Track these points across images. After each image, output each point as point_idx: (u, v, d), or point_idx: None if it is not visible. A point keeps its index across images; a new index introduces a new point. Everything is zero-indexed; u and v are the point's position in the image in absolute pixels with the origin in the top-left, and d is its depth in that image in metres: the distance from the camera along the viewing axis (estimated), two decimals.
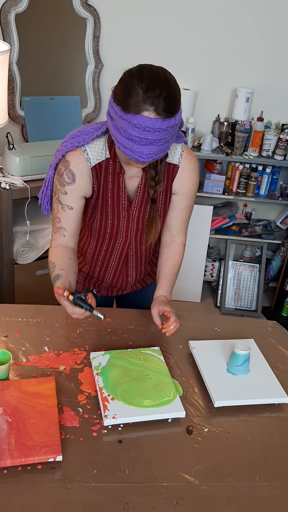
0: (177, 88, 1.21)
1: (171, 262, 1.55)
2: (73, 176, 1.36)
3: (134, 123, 1.15)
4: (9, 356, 1.30)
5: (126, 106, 1.16)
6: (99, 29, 2.78)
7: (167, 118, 1.16)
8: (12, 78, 2.60)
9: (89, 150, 1.36)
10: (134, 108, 1.14)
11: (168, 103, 1.15)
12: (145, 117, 1.14)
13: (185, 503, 1.05)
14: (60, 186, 1.38)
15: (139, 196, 1.43)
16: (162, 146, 1.20)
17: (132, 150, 1.20)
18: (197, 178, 1.48)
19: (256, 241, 3.32)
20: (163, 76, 1.18)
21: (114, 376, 1.32)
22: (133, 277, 1.64)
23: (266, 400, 1.33)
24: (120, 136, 1.20)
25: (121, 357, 1.39)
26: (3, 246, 2.44)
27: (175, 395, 1.28)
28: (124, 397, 1.26)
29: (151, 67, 1.20)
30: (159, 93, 1.14)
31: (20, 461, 1.06)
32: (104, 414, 1.20)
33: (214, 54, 2.96)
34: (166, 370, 1.37)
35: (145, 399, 1.25)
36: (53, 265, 1.39)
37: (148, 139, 1.17)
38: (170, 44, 2.91)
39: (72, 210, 1.40)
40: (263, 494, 1.10)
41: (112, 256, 1.56)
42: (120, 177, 1.39)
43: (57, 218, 1.42)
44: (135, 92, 1.14)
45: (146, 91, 1.14)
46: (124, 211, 1.44)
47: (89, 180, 1.38)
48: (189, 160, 1.44)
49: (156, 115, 1.15)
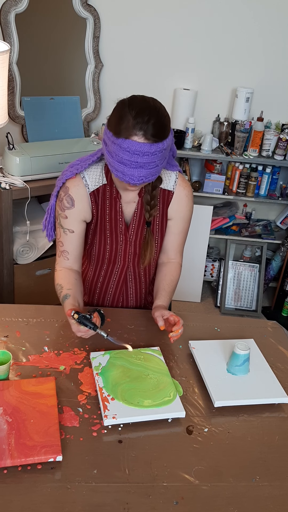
0: (166, 115, 1.29)
1: (169, 278, 1.58)
2: (72, 201, 1.44)
3: (124, 147, 1.24)
4: (9, 356, 1.30)
5: (117, 131, 1.25)
6: (99, 29, 2.78)
7: (155, 143, 1.24)
8: (12, 78, 2.60)
9: (87, 177, 1.44)
10: (125, 133, 1.24)
11: (156, 128, 1.24)
12: (134, 141, 1.23)
13: (185, 503, 1.05)
14: (61, 211, 1.46)
15: (136, 220, 1.50)
16: (152, 169, 1.28)
17: (123, 173, 1.28)
18: (191, 204, 1.55)
19: (256, 241, 3.32)
20: (153, 104, 1.28)
21: (114, 376, 1.32)
22: (133, 298, 1.67)
23: (266, 400, 1.33)
24: (112, 160, 1.28)
25: (121, 357, 1.39)
26: (3, 246, 2.44)
27: (175, 395, 1.28)
28: (124, 397, 1.26)
29: (143, 97, 1.29)
30: (148, 119, 1.23)
31: (20, 461, 1.06)
32: (104, 414, 1.20)
33: (214, 54, 2.96)
34: (166, 370, 1.37)
35: (145, 399, 1.25)
36: (60, 286, 1.47)
37: (137, 162, 1.25)
38: (170, 44, 2.91)
39: (73, 234, 1.48)
40: (263, 494, 1.10)
41: (110, 281, 1.61)
42: (117, 201, 1.47)
43: (60, 242, 1.50)
44: (126, 118, 1.23)
45: (136, 117, 1.23)
46: (122, 235, 1.51)
47: (88, 204, 1.46)
48: (183, 187, 1.52)
49: (145, 139, 1.23)
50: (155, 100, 1.30)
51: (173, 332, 1.39)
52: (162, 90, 2.99)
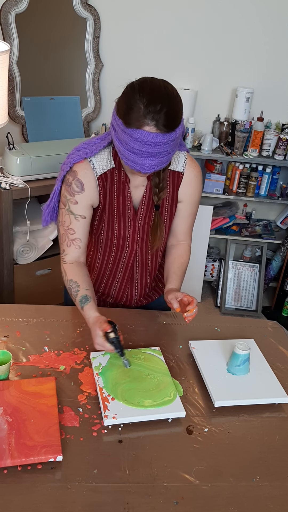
0: (178, 101, 1.23)
1: (179, 261, 1.55)
2: (82, 185, 1.39)
3: (136, 137, 1.19)
4: (9, 356, 1.30)
5: (127, 120, 1.19)
6: (99, 29, 2.78)
7: (167, 133, 1.19)
8: (12, 78, 2.60)
9: (94, 161, 1.39)
10: (135, 123, 1.18)
11: (168, 118, 1.18)
12: (146, 131, 1.18)
13: (185, 503, 1.05)
14: (70, 196, 1.40)
15: (145, 204, 1.45)
16: (163, 158, 1.24)
17: (134, 161, 1.24)
18: (201, 185, 1.51)
19: (256, 241, 3.32)
20: (164, 90, 1.20)
21: (114, 376, 1.32)
22: (138, 291, 1.64)
23: (266, 400, 1.33)
24: (123, 148, 1.24)
25: None
26: (3, 246, 2.44)
27: (176, 395, 1.28)
28: (124, 397, 1.26)
29: (153, 81, 1.22)
30: (160, 108, 1.17)
31: (20, 461, 1.06)
32: (104, 414, 1.20)
33: (214, 54, 2.96)
34: (166, 370, 1.37)
35: (145, 399, 1.25)
36: (76, 284, 1.42)
37: (149, 152, 1.21)
38: (170, 44, 2.91)
39: (85, 220, 1.43)
40: (263, 494, 1.09)
41: (118, 267, 1.57)
42: (126, 186, 1.42)
43: (71, 229, 1.43)
44: (137, 107, 1.17)
45: (147, 106, 1.17)
46: (130, 220, 1.46)
47: (96, 189, 1.41)
48: (193, 167, 1.47)
49: (157, 129, 1.18)
50: (166, 83, 1.23)
51: (188, 312, 1.37)
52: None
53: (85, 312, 1.38)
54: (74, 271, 1.44)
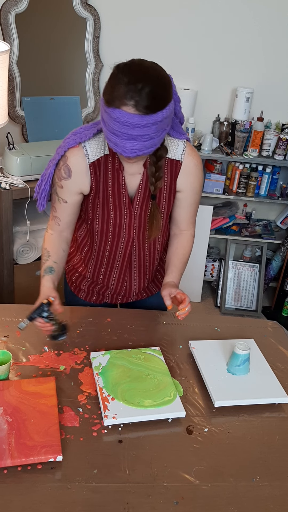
0: (165, 84, 1.18)
1: (181, 251, 1.54)
2: (69, 171, 1.37)
3: (114, 117, 1.15)
4: (9, 356, 1.30)
5: (108, 99, 1.16)
6: (99, 29, 2.78)
7: (147, 115, 1.14)
8: (12, 78, 2.60)
9: (88, 146, 1.36)
10: (115, 102, 1.14)
11: (150, 99, 1.13)
12: (124, 111, 1.14)
13: (185, 503, 1.05)
14: (58, 180, 1.40)
15: (141, 193, 1.43)
16: (146, 142, 1.20)
17: (115, 144, 1.21)
18: (201, 174, 1.47)
19: (256, 241, 3.31)
20: (149, 71, 1.16)
21: (114, 376, 1.32)
22: (137, 282, 1.62)
23: (266, 400, 1.33)
24: (106, 129, 1.21)
25: (121, 356, 1.39)
26: (3, 246, 2.44)
27: (176, 395, 1.28)
28: (124, 397, 1.26)
29: (141, 61, 1.19)
30: (141, 87, 1.12)
31: (20, 461, 1.06)
32: (104, 414, 1.20)
33: (214, 54, 2.96)
34: (166, 370, 1.36)
35: (145, 399, 1.25)
36: (48, 253, 1.45)
37: (129, 134, 1.17)
38: (170, 44, 2.91)
39: (66, 204, 1.43)
40: (263, 494, 1.09)
41: (116, 257, 1.54)
42: (120, 173, 1.39)
43: (54, 207, 1.46)
44: (118, 85, 1.14)
45: (127, 84, 1.13)
46: (126, 208, 1.44)
47: (86, 176, 1.39)
48: (193, 156, 1.43)
49: (136, 110, 1.13)
50: (156, 65, 1.19)
51: (180, 310, 1.38)
52: None
53: (43, 280, 1.43)
54: (51, 241, 1.47)
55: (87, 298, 1.68)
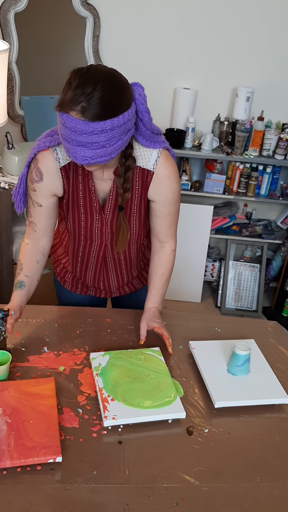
0: (118, 91, 1.14)
1: (160, 271, 1.53)
2: (41, 174, 1.36)
3: (62, 122, 1.14)
4: (9, 357, 1.30)
5: (59, 103, 1.14)
6: (99, 28, 2.78)
7: (93, 121, 1.10)
8: (12, 77, 2.60)
9: (59, 150, 1.34)
10: (63, 107, 1.12)
11: (97, 105, 1.10)
12: (70, 117, 1.11)
13: (185, 504, 1.05)
14: (30, 183, 1.39)
15: (112, 200, 1.40)
16: (97, 150, 1.15)
17: (68, 150, 1.18)
18: (175, 185, 1.41)
19: (257, 241, 3.31)
20: (103, 76, 1.12)
21: (114, 377, 1.31)
22: (115, 280, 1.62)
23: (267, 400, 1.33)
24: (60, 135, 1.19)
25: (121, 357, 1.38)
26: (2, 246, 2.44)
27: (176, 396, 1.28)
28: (124, 397, 1.25)
29: (97, 67, 1.15)
30: (90, 92, 1.09)
31: (19, 462, 1.06)
32: (104, 415, 1.20)
33: (214, 53, 2.96)
34: (167, 370, 1.36)
35: (145, 399, 1.25)
36: (21, 266, 1.47)
37: (77, 140, 1.13)
38: (170, 44, 2.90)
39: (41, 208, 1.41)
40: (263, 494, 1.09)
41: (90, 257, 1.55)
42: (89, 179, 1.37)
43: (29, 212, 1.45)
44: (67, 89, 1.12)
45: (76, 90, 1.10)
46: (97, 214, 1.42)
47: (58, 179, 1.37)
48: (165, 167, 1.37)
49: (82, 116, 1.10)
50: (113, 70, 1.15)
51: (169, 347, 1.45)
52: (162, 89, 2.99)
53: (12, 295, 1.47)
54: (26, 252, 1.47)
55: (72, 289, 1.68)
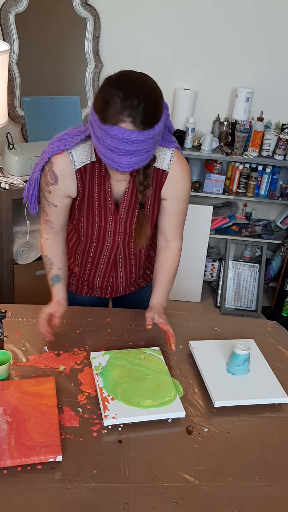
0: (158, 96, 1.17)
1: (166, 268, 1.53)
2: (56, 177, 1.36)
3: (112, 134, 1.14)
4: (9, 356, 1.30)
5: (103, 116, 1.14)
6: (99, 29, 2.78)
7: (145, 130, 1.14)
8: (12, 78, 2.60)
9: (74, 153, 1.35)
10: (111, 119, 1.13)
11: (147, 114, 1.12)
12: (122, 128, 1.12)
13: (185, 503, 1.05)
14: (45, 185, 1.40)
15: (127, 200, 1.42)
16: (142, 156, 1.19)
17: (111, 159, 1.19)
18: (187, 184, 1.44)
19: (256, 241, 3.31)
20: (142, 84, 1.15)
21: (114, 376, 1.32)
22: (123, 280, 1.63)
23: (266, 400, 1.33)
24: (100, 145, 1.19)
25: (121, 356, 1.39)
26: (3, 246, 2.44)
27: (176, 395, 1.28)
28: (124, 397, 1.25)
29: (132, 74, 1.17)
30: (138, 103, 1.11)
31: (20, 461, 1.06)
32: (104, 414, 1.20)
33: (214, 53, 2.96)
34: (166, 370, 1.36)
35: (145, 399, 1.25)
36: (50, 261, 1.48)
37: (126, 150, 1.16)
38: (170, 44, 2.91)
39: (56, 208, 1.43)
40: (263, 494, 1.09)
41: (100, 258, 1.55)
42: (106, 180, 1.38)
43: (45, 211, 1.46)
44: (113, 101, 1.12)
45: (124, 100, 1.11)
46: (111, 214, 1.43)
47: (73, 182, 1.38)
48: (179, 166, 1.41)
49: (134, 126, 1.12)
50: (146, 76, 1.17)
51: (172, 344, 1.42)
52: (162, 90, 2.97)
53: (54, 291, 1.47)
54: (49, 247, 1.49)
55: (77, 291, 1.69)
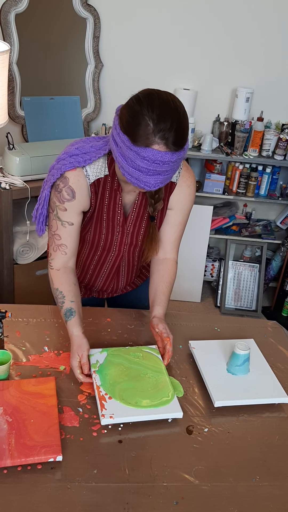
0: (187, 116, 1.18)
1: (167, 279, 1.51)
2: (73, 192, 1.33)
3: (144, 155, 1.13)
4: (9, 356, 1.30)
5: (135, 137, 1.13)
6: (99, 29, 2.78)
7: (176, 151, 1.15)
8: (12, 78, 2.60)
9: (88, 168, 1.34)
10: (144, 141, 1.12)
11: (178, 136, 1.13)
12: (155, 150, 1.12)
13: (185, 503, 1.05)
14: (59, 203, 1.35)
15: (135, 211, 1.43)
16: (169, 175, 1.20)
17: (138, 179, 1.19)
18: (193, 194, 1.46)
19: (256, 241, 3.32)
20: (173, 106, 1.14)
21: (112, 375, 1.31)
22: (124, 282, 1.65)
23: (266, 400, 1.33)
24: (127, 165, 1.18)
25: (118, 354, 1.39)
26: (3, 246, 2.44)
27: (173, 396, 1.28)
28: (122, 396, 1.25)
29: (160, 94, 1.16)
30: (170, 125, 1.11)
31: (20, 461, 1.06)
32: (102, 414, 1.20)
33: (214, 54, 2.96)
34: (164, 369, 1.36)
35: (143, 399, 1.25)
36: (62, 294, 1.39)
37: (156, 170, 1.16)
38: (170, 44, 2.91)
39: (72, 226, 1.38)
40: (263, 494, 1.10)
41: (103, 267, 1.56)
42: (118, 194, 1.38)
43: (57, 235, 1.39)
44: (145, 123, 1.11)
45: (158, 123, 1.11)
46: (119, 226, 1.44)
47: (87, 196, 1.37)
48: (187, 177, 1.42)
49: (167, 148, 1.13)
50: (173, 97, 1.17)
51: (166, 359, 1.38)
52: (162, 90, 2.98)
53: (69, 327, 1.36)
54: (60, 279, 1.40)
55: None
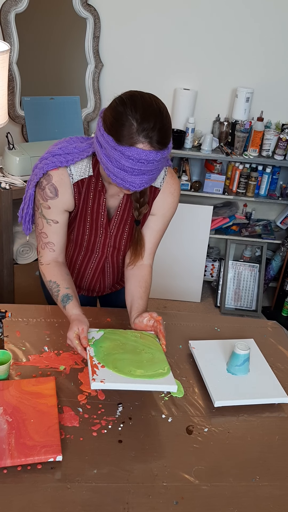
0: (169, 117, 1.21)
1: (144, 284, 1.50)
2: (56, 190, 1.35)
3: (128, 155, 1.15)
4: (9, 356, 1.30)
5: (119, 137, 1.15)
6: (99, 29, 2.78)
7: (160, 150, 1.17)
8: (12, 78, 2.60)
9: (72, 167, 1.35)
10: (128, 140, 1.14)
11: (162, 135, 1.16)
12: (139, 149, 1.15)
13: (185, 503, 1.05)
14: (43, 200, 1.37)
15: (119, 215, 1.44)
16: (153, 175, 1.22)
17: (123, 179, 1.21)
18: (176, 202, 1.46)
19: (256, 241, 3.32)
20: (156, 106, 1.17)
21: (107, 347, 1.29)
22: (110, 282, 1.66)
23: (266, 400, 1.33)
24: (112, 166, 1.20)
25: (115, 333, 1.37)
26: (3, 246, 2.44)
27: (169, 370, 1.24)
28: (115, 365, 1.22)
29: (143, 96, 1.19)
30: (154, 125, 1.14)
31: (20, 461, 1.06)
32: (92, 378, 1.17)
33: (214, 54, 2.96)
34: (161, 349, 1.32)
35: (137, 369, 1.22)
36: (56, 284, 1.40)
37: (141, 170, 1.18)
38: (170, 44, 2.91)
39: (57, 224, 1.40)
40: (263, 494, 1.10)
41: (88, 267, 1.57)
42: (102, 195, 1.39)
43: (43, 233, 1.41)
44: (129, 123, 1.14)
45: (141, 123, 1.13)
46: (102, 228, 1.45)
47: (71, 195, 1.38)
48: (170, 184, 1.43)
49: (151, 147, 1.15)
50: (156, 98, 1.20)
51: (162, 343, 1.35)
52: (162, 90, 2.99)
53: (68, 311, 1.36)
54: (52, 271, 1.42)
55: None
